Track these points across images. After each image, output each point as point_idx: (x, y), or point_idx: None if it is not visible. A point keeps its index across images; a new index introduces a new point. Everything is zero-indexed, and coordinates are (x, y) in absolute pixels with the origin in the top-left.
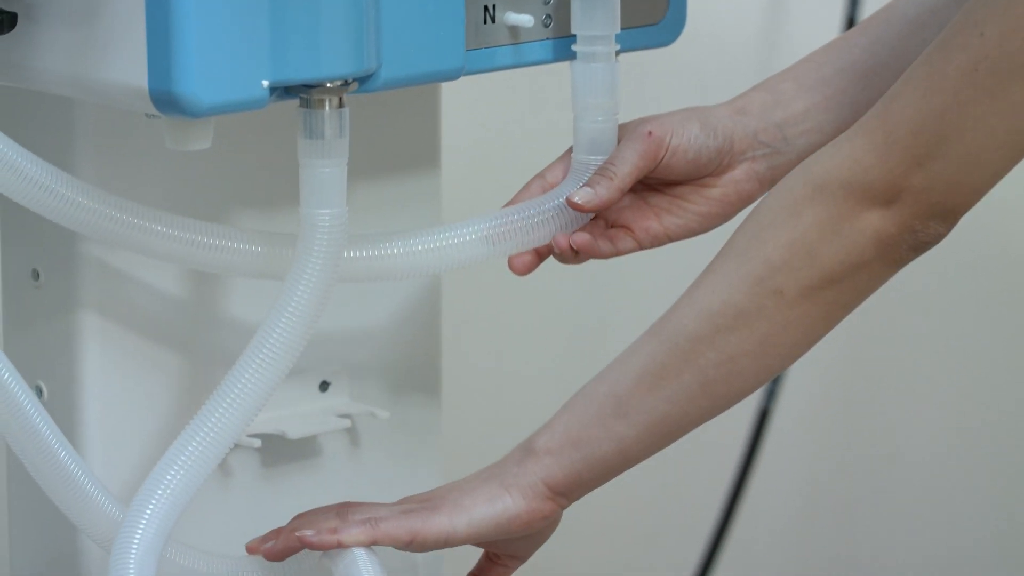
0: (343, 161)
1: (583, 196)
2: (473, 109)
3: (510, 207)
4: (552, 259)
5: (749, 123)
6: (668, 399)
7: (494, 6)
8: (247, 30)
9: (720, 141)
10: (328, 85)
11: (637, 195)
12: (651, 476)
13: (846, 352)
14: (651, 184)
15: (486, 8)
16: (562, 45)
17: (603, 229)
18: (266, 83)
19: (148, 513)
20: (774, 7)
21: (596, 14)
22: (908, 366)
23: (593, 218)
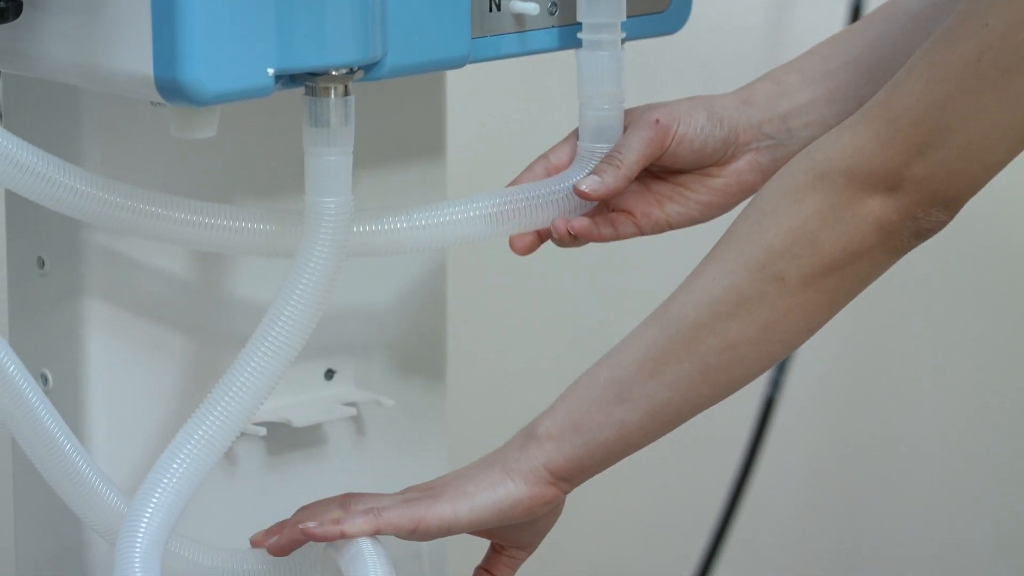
0: (348, 149)
1: (590, 184)
2: (478, 97)
3: (515, 187)
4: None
5: (754, 114)
6: (669, 385)
7: None
8: (252, 18)
9: (726, 131)
10: (333, 73)
11: (640, 182)
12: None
13: (851, 341)
14: (654, 171)
15: None
16: (568, 33)
17: (604, 213)
18: (271, 71)
19: (153, 503)
20: None
21: (601, 2)
22: (913, 355)
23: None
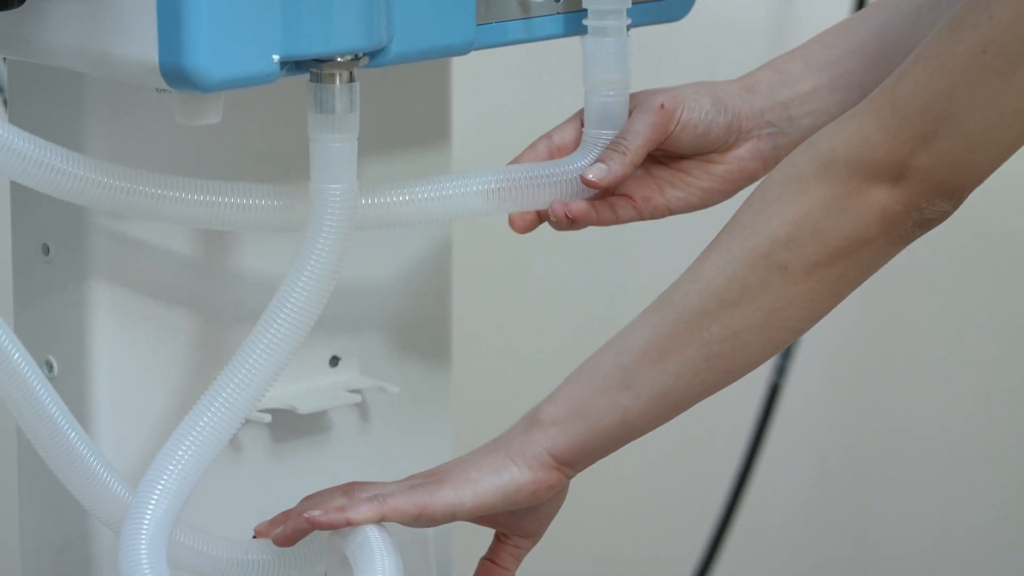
0: (353, 136)
1: (597, 173)
2: (484, 84)
3: (518, 165)
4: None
5: (756, 101)
6: (673, 372)
7: None
8: (257, 4)
9: (729, 118)
10: (339, 59)
11: (640, 167)
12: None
13: (856, 328)
14: (655, 156)
15: None
16: (573, 19)
17: (605, 197)
18: (277, 57)
19: (158, 491)
20: None
21: None
22: (918, 343)
23: None
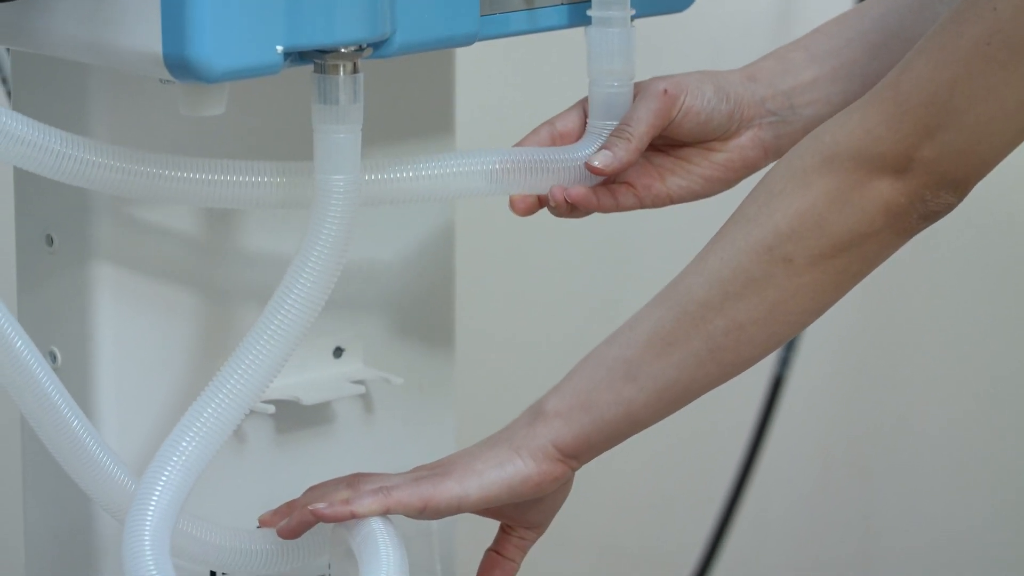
0: (357, 127)
1: (602, 160)
2: (487, 75)
3: (522, 147)
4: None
5: (758, 90)
6: (677, 365)
7: None
8: None
9: (731, 106)
10: (343, 50)
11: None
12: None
13: (860, 321)
14: (657, 144)
15: None
16: (577, 10)
17: (606, 183)
18: (280, 48)
19: (162, 482)
20: None
21: None
22: (922, 335)
23: None
